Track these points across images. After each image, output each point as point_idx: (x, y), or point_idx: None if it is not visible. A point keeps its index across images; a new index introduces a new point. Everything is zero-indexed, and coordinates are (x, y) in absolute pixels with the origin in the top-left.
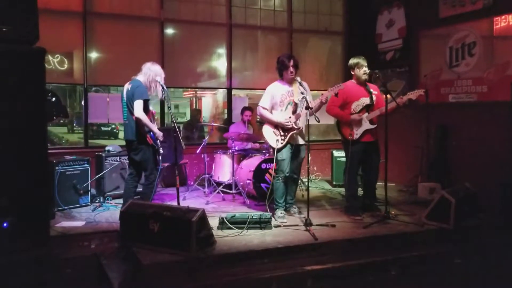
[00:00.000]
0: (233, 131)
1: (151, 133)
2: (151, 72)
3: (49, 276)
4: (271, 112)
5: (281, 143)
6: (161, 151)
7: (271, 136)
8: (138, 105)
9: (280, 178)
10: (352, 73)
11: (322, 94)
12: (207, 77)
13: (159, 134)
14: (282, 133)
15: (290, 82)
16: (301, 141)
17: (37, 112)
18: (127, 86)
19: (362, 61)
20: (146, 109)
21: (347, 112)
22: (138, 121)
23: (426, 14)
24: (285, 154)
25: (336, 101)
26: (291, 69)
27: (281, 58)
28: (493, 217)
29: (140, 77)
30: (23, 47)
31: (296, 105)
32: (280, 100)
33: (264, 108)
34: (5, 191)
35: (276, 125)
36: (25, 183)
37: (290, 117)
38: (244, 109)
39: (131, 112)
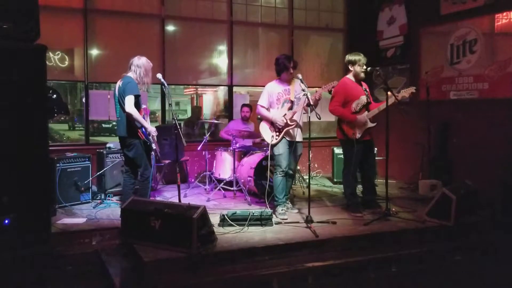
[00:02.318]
0: (232, 128)
1: (143, 128)
2: (139, 69)
3: (50, 272)
4: (268, 110)
5: (276, 139)
6: (153, 146)
7: (266, 132)
8: (129, 101)
9: (279, 173)
10: (351, 69)
11: (316, 92)
12: (208, 74)
13: (151, 129)
14: (277, 129)
15: (288, 81)
16: (298, 138)
17: (38, 109)
18: (118, 83)
19: (362, 59)
20: (137, 105)
21: (348, 110)
22: (129, 116)
23: (427, 11)
24: (282, 149)
25: (338, 100)
26: (291, 70)
27: (281, 60)
28: (493, 214)
29: (131, 74)
30: (24, 44)
31: (292, 102)
32: (277, 99)
33: (262, 106)
34: (6, 188)
35: (272, 122)
36: (26, 180)
37: (285, 114)
38: (243, 105)
39: (123, 108)
